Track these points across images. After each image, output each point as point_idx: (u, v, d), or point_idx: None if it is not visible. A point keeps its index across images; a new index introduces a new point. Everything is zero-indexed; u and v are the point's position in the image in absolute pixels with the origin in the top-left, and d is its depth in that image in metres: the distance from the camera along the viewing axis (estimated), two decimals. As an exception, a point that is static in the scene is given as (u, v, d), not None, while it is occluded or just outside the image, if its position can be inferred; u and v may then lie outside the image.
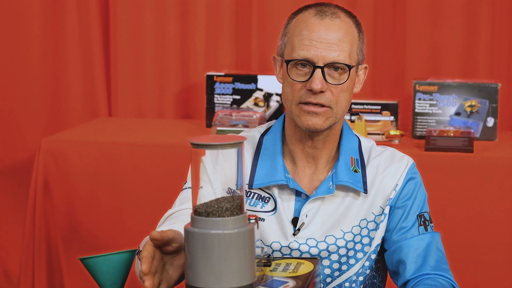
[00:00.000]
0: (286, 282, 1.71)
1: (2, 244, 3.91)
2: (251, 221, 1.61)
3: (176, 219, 1.99)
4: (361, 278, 2.07)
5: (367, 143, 2.12)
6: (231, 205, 1.59)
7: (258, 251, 1.67)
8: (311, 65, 1.97)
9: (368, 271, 2.08)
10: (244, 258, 1.57)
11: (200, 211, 1.59)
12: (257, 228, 1.62)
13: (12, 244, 3.87)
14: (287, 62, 2.00)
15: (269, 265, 1.73)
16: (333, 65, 1.97)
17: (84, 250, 3.42)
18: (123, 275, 1.74)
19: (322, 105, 1.98)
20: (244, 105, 3.67)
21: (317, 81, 1.96)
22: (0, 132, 3.94)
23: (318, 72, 1.96)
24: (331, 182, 2.04)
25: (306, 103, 1.98)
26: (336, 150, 2.08)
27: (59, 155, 3.42)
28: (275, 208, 2.06)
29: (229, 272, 1.56)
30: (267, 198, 2.07)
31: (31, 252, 3.48)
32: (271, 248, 2.05)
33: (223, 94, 3.68)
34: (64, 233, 3.45)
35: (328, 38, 1.97)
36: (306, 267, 1.81)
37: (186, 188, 2.11)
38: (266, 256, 1.75)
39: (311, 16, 2.00)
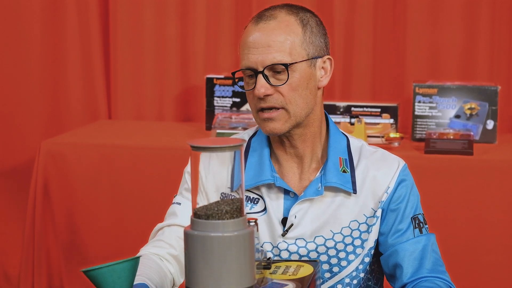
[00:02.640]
0: (286, 285, 1.71)
1: (2, 247, 3.91)
2: (251, 223, 1.62)
3: (159, 241, 2.07)
4: (355, 282, 2.07)
5: (357, 143, 2.11)
6: (230, 208, 1.59)
7: (257, 254, 1.67)
8: (253, 72, 1.98)
9: (362, 274, 2.08)
10: (244, 260, 1.57)
11: (200, 214, 1.59)
12: (257, 230, 1.63)
13: (12, 247, 3.87)
14: (233, 74, 2.03)
15: (269, 268, 1.73)
16: (273, 67, 1.97)
17: (83, 252, 3.42)
18: (128, 284, 1.72)
19: (276, 108, 1.98)
20: (243, 108, 3.67)
21: (258, 86, 1.97)
22: (0, 134, 3.95)
23: (259, 77, 1.97)
24: (319, 184, 2.03)
25: (261, 110, 1.99)
26: (324, 149, 2.08)
27: (59, 158, 3.42)
28: (264, 209, 2.06)
29: (229, 274, 1.56)
30: (256, 199, 2.07)
31: (30, 254, 3.48)
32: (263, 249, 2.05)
33: (222, 97, 3.68)
34: (64, 235, 3.45)
35: (263, 42, 1.97)
36: (306, 270, 1.81)
37: (174, 202, 2.13)
38: (265, 259, 1.75)
39: (251, 24, 2.01)
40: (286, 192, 2.06)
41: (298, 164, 2.07)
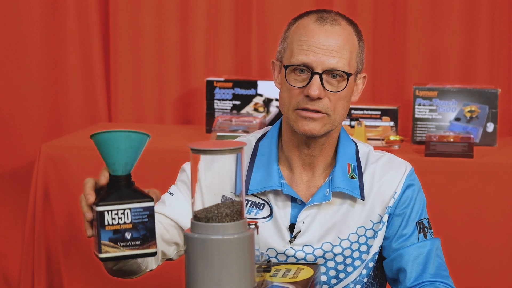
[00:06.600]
0: (286, 288, 1.71)
1: (2, 250, 3.91)
2: (251, 226, 1.61)
3: None
4: (358, 287, 2.07)
5: (365, 149, 2.11)
6: (231, 211, 1.59)
7: (257, 256, 1.67)
8: (310, 71, 1.96)
9: (365, 279, 2.07)
10: (244, 263, 1.57)
11: (200, 217, 1.59)
12: (257, 233, 1.62)
13: (12, 250, 3.87)
14: (286, 67, 1.99)
15: (269, 271, 1.73)
16: (331, 72, 1.96)
17: (83, 256, 3.41)
18: (135, 156, 1.66)
19: (319, 111, 1.97)
20: (244, 111, 3.67)
21: (314, 88, 1.95)
22: (0, 137, 3.95)
23: (316, 78, 1.95)
24: (327, 189, 2.03)
25: (303, 109, 1.97)
26: (333, 156, 2.08)
27: (59, 161, 3.42)
28: (270, 214, 2.05)
29: (229, 277, 1.56)
30: (262, 205, 2.06)
31: (30, 258, 3.47)
32: (267, 254, 2.05)
33: (223, 100, 3.68)
34: (64, 238, 3.45)
35: (328, 45, 1.96)
36: (306, 273, 1.81)
37: (168, 191, 2.12)
38: (266, 262, 1.75)
39: (312, 22, 1.99)
40: (294, 199, 2.05)
41: (309, 171, 2.06)
